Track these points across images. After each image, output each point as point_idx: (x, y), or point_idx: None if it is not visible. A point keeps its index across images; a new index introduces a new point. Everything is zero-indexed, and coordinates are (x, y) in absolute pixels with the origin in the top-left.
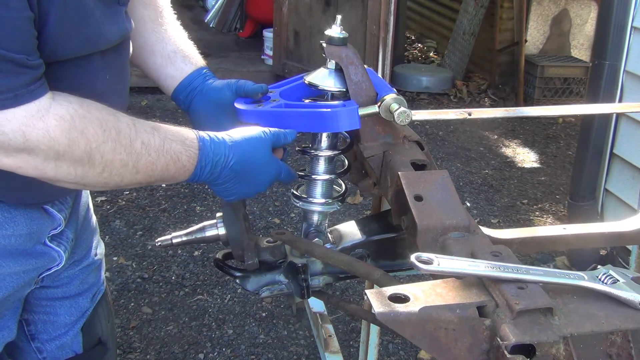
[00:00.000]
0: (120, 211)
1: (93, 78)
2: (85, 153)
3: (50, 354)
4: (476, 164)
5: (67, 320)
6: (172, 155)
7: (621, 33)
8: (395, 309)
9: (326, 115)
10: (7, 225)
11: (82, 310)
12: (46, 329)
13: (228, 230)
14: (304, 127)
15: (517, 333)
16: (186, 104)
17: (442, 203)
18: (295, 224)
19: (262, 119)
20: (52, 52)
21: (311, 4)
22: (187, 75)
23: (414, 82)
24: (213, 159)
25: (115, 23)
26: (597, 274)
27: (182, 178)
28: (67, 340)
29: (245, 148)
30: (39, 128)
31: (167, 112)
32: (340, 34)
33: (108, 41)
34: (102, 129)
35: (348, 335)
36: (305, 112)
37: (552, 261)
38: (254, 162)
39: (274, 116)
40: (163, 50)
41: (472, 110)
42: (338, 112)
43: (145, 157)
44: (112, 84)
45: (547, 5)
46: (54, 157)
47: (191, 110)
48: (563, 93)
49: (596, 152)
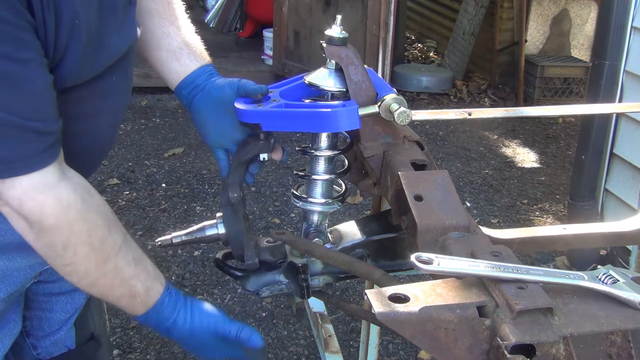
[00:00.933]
0: (120, 211)
1: (100, 80)
2: (62, 243)
3: (44, 350)
4: (476, 164)
5: (62, 317)
6: (131, 292)
7: (621, 33)
8: (396, 309)
9: (326, 115)
10: None
11: (76, 306)
12: (41, 326)
13: (228, 230)
14: (303, 127)
15: (517, 333)
16: (188, 100)
17: (442, 203)
18: (295, 224)
19: (261, 118)
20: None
21: (311, 4)
22: (191, 72)
23: (414, 82)
24: (158, 322)
25: (125, 30)
26: (597, 274)
27: (131, 313)
28: (61, 335)
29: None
30: (36, 200)
31: (167, 112)
32: (340, 34)
33: (118, 54)
34: (88, 232)
35: (348, 335)
36: (305, 112)
37: (552, 261)
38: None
39: (274, 116)
40: (169, 45)
41: (472, 110)
42: (338, 112)
43: (109, 279)
44: (118, 84)
45: (547, 5)
46: (36, 230)
47: (192, 108)
48: (563, 93)
49: (596, 152)
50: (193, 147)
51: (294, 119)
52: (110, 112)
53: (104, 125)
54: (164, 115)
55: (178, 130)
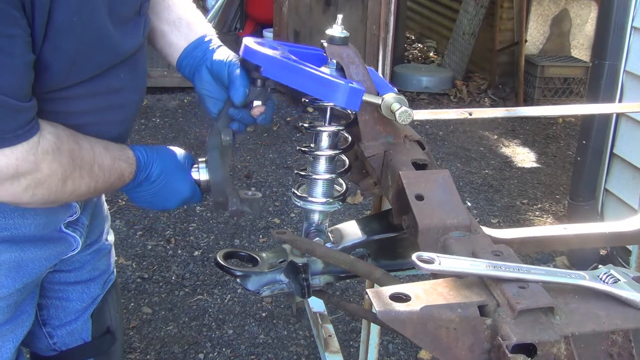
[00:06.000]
0: (120, 211)
1: (106, 77)
2: (61, 181)
3: (60, 340)
4: (476, 164)
5: (78, 307)
6: (119, 173)
7: (621, 33)
8: (397, 308)
9: (329, 83)
10: (28, 214)
11: (93, 296)
12: (58, 315)
13: (212, 174)
14: (302, 86)
15: (518, 332)
16: (191, 72)
17: (443, 202)
18: (296, 224)
19: (265, 62)
20: (66, 78)
21: (311, 4)
22: (191, 42)
23: (414, 82)
24: (144, 172)
25: (133, 35)
26: (598, 274)
27: (127, 186)
28: (77, 326)
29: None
30: (30, 161)
31: (167, 112)
32: (341, 34)
33: (125, 54)
34: (71, 158)
35: (348, 335)
36: (309, 72)
37: (552, 261)
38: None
39: (278, 64)
40: (168, 17)
41: (472, 110)
42: (341, 85)
43: (101, 177)
44: (126, 81)
45: (547, 5)
46: (34, 186)
47: (196, 80)
48: (563, 93)
49: (596, 152)
50: (193, 147)
51: (296, 74)
52: (121, 106)
53: (116, 119)
54: (164, 115)
55: (178, 130)
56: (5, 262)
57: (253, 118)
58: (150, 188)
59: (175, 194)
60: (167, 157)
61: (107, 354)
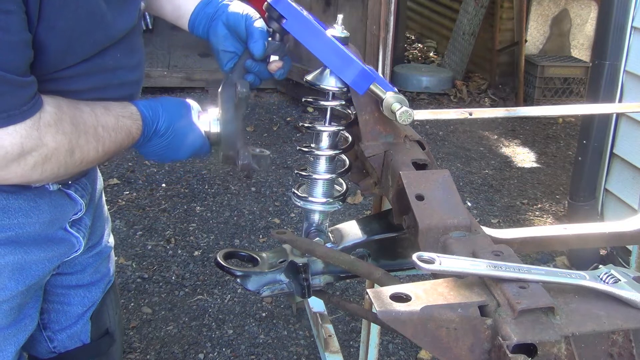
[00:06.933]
0: (120, 211)
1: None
2: (68, 152)
3: (60, 343)
4: (476, 164)
5: (79, 311)
6: (126, 131)
7: (621, 33)
8: (397, 308)
9: (344, 57)
10: (32, 214)
11: (93, 300)
12: (58, 319)
13: (224, 127)
14: (318, 50)
15: (519, 332)
16: (205, 29)
17: (443, 202)
18: (296, 224)
19: (290, 15)
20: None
21: (311, 4)
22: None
23: (414, 82)
24: (151, 127)
25: (127, 15)
26: (599, 274)
27: (137, 142)
28: (77, 329)
29: (170, 110)
30: (34, 137)
31: None
32: (342, 33)
33: (119, 34)
34: (74, 125)
35: (348, 335)
36: (331, 41)
37: (552, 261)
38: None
39: (302, 22)
40: None
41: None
42: (355, 63)
43: (108, 138)
44: (123, 60)
45: (547, 5)
46: (42, 162)
47: (211, 35)
48: (563, 93)
49: (596, 152)
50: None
51: (315, 38)
52: (120, 85)
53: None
54: None
55: None
56: (9, 264)
57: (270, 72)
58: (160, 142)
59: (185, 145)
60: (172, 108)
61: (106, 355)
